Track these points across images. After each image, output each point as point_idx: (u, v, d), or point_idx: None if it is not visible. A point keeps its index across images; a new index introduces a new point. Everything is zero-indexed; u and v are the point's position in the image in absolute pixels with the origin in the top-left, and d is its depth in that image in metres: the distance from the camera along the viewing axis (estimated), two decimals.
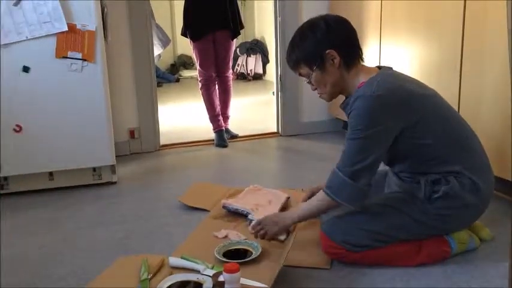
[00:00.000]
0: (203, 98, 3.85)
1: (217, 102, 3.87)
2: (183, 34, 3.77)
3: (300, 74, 1.91)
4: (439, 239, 1.88)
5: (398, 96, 1.77)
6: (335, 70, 1.84)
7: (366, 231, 1.82)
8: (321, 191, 1.84)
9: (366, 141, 1.75)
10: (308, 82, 1.91)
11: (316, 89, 1.92)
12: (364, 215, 1.86)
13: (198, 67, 3.81)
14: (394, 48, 3.12)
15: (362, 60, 1.90)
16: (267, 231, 1.95)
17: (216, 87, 3.87)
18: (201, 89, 3.84)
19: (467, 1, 2.43)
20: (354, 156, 1.76)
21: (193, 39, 3.69)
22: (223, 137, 3.81)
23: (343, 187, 1.77)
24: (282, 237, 2.02)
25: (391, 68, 1.92)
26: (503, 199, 2.41)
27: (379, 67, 1.91)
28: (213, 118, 3.86)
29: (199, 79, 3.83)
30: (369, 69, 1.89)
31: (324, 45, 1.81)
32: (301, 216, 1.94)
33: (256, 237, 1.99)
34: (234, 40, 3.82)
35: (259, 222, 2.00)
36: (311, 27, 1.85)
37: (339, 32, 1.84)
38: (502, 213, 2.24)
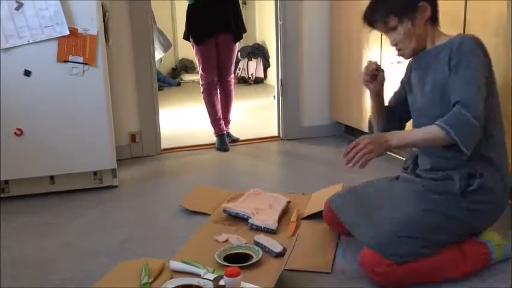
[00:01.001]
0: (205, 102, 3.85)
1: (218, 106, 3.87)
2: (186, 38, 3.78)
3: (385, 25, 1.86)
4: (476, 242, 1.85)
5: (488, 55, 1.80)
6: (423, 24, 1.84)
7: (407, 238, 1.74)
8: (434, 126, 1.70)
9: (478, 80, 1.72)
10: (388, 37, 1.90)
11: (396, 44, 1.89)
12: (400, 222, 1.78)
13: (200, 71, 3.81)
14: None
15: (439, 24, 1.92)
16: (372, 150, 1.71)
17: (218, 91, 3.87)
18: (202, 93, 3.84)
19: (468, 1, 2.44)
20: (474, 96, 1.68)
21: (196, 43, 3.69)
22: (224, 141, 3.81)
23: (465, 126, 1.66)
24: (278, 249, 2.00)
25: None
26: None
27: None
28: (215, 122, 3.86)
29: (201, 83, 3.84)
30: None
31: None
32: (403, 141, 1.77)
33: (355, 156, 1.72)
34: (237, 44, 3.83)
35: (359, 142, 1.74)
36: None
37: None
38: (502, 217, 2.21)
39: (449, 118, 1.68)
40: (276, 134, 4.08)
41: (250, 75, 7.36)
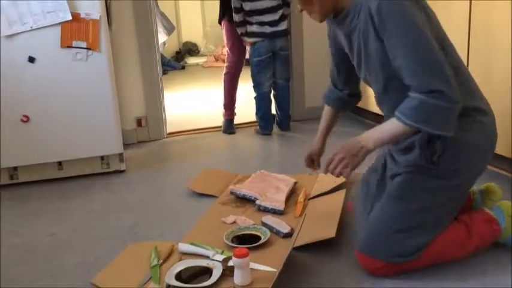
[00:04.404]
0: (224, 84, 3.76)
1: (236, 92, 3.82)
2: (220, 21, 3.69)
3: None
4: (484, 215, 1.77)
5: (417, 4, 1.58)
6: None
7: (402, 233, 1.66)
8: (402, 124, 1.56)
9: (428, 48, 1.52)
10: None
11: (302, 10, 1.72)
12: (389, 219, 1.70)
13: (227, 50, 3.73)
14: None
15: None
16: (348, 164, 1.63)
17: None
18: (224, 75, 3.76)
19: (472, 1, 2.43)
20: (434, 72, 1.51)
21: (231, 22, 3.52)
22: (231, 125, 3.80)
23: (438, 115, 1.53)
24: (286, 230, 2.00)
25: None
26: (503, 175, 2.43)
27: None
28: (228, 106, 3.79)
29: (225, 64, 3.76)
30: None
31: None
32: (381, 142, 1.64)
33: (332, 173, 1.69)
34: None
35: (333, 159, 1.67)
36: None
37: None
38: (503, 190, 2.18)
39: (416, 112, 1.52)
40: None
41: None
